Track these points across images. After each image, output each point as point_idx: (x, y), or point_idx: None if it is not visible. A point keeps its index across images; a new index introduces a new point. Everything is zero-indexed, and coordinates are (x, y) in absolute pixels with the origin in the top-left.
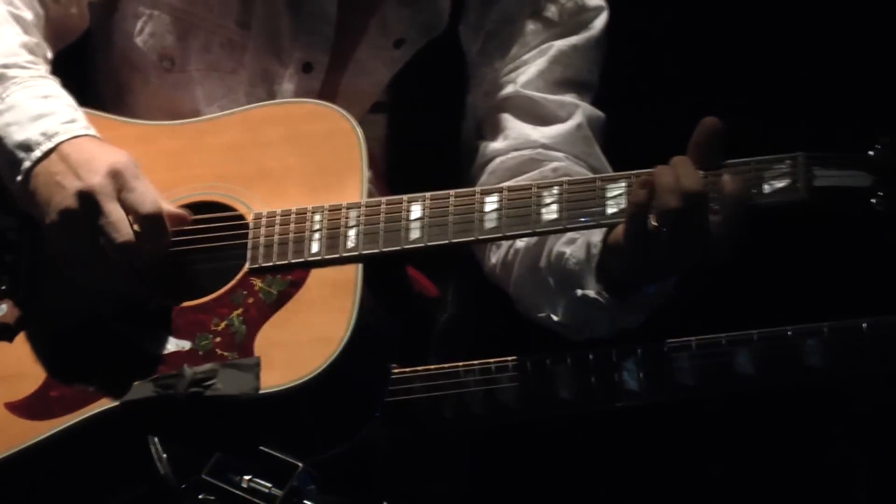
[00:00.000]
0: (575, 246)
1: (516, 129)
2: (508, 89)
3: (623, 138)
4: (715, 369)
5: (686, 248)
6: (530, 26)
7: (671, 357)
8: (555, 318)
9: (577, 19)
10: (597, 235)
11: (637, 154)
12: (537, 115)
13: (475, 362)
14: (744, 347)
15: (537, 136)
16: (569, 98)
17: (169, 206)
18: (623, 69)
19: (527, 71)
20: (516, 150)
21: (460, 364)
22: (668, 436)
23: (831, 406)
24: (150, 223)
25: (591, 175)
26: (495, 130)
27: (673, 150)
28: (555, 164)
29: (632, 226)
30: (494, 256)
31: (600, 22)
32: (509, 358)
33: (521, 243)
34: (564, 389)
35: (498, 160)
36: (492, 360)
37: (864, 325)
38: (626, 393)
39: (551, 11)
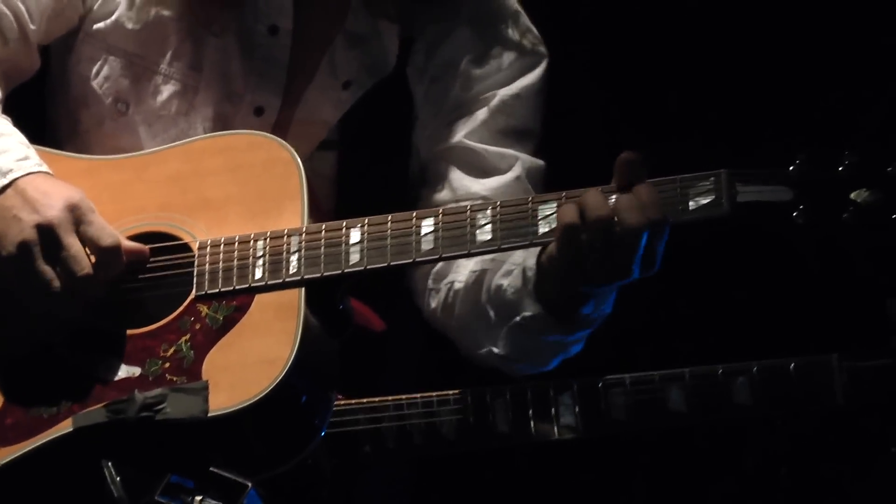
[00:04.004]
0: (512, 276)
1: (458, 180)
2: (453, 139)
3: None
4: (648, 405)
5: (619, 259)
6: (473, 72)
7: (606, 393)
8: (496, 350)
9: (517, 66)
10: (532, 260)
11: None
12: (479, 168)
13: (417, 395)
14: (676, 384)
15: (478, 189)
16: (509, 151)
17: (127, 241)
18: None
19: (470, 121)
20: (457, 201)
21: (403, 397)
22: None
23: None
24: (109, 256)
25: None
26: (438, 181)
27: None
28: None
29: (564, 242)
30: (434, 301)
31: (541, 70)
32: (451, 392)
33: (460, 284)
34: (503, 423)
35: None
36: (434, 394)
37: (792, 365)
38: (563, 427)
39: (493, 58)
